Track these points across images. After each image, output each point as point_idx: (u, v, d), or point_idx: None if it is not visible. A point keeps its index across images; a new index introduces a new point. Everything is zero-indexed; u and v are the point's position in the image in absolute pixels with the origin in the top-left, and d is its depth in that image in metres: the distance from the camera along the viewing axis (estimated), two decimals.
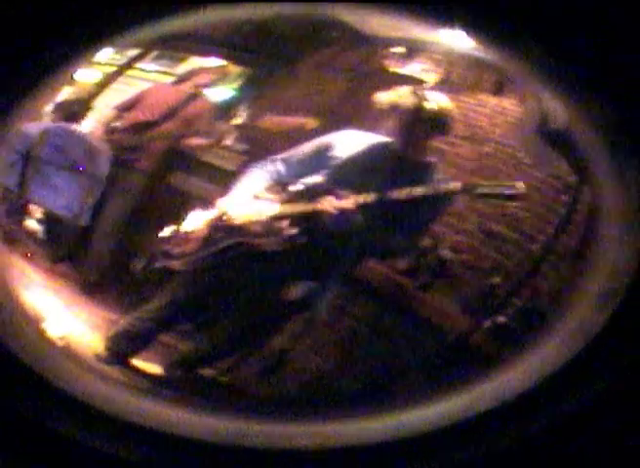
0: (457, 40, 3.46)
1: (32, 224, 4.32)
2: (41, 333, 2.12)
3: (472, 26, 1.41)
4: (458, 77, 4.11)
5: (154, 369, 3.26)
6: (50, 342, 2.16)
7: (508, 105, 4.03)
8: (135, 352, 3.28)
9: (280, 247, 3.11)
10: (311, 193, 3.13)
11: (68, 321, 3.28)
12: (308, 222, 3.09)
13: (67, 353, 2.23)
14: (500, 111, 4.06)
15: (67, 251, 4.27)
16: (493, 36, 1.47)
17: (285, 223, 3.10)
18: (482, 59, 3.37)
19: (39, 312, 3.08)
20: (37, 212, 4.29)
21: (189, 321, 3.67)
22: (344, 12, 3.21)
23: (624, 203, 1.52)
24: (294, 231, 3.08)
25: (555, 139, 2.76)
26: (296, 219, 3.10)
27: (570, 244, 3.49)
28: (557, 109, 2.33)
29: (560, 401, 1.51)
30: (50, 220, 4.28)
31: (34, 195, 3.80)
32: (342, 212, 2.94)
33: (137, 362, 3.25)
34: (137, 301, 3.69)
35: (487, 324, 3.39)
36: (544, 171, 3.74)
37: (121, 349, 3.24)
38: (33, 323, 2.03)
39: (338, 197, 2.96)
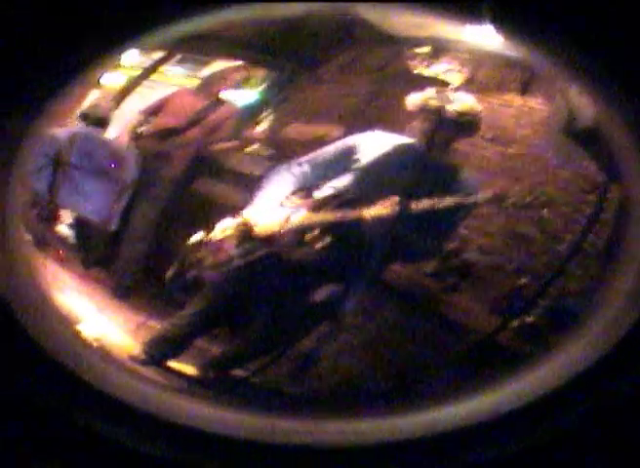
0: (482, 38, 3.46)
1: (63, 229, 4.36)
2: (76, 335, 2.14)
3: (498, 23, 1.41)
4: (484, 77, 4.10)
5: (188, 369, 3.29)
6: (85, 343, 2.18)
7: (535, 105, 4.01)
8: (172, 356, 3.32)
9: (312, 257, 3.13)
10: (339, 200, 3.14)
11: (102, 323, 3.31)
12: (338, 230, 3.09)
13: (102, 353, 2.26)
14: (526, 111, 4.04)
15: (99, 256, 4.31)
16: (519, 33, 1.47)
17: (316, 233, 3.10)
18: (508, 57, 3.37)
19: (74, 314, 3.11)
20: (68, 217, 4.34)
21: (223, 326, 3.70)
22: (368, 10, 3.22)
23: None
24: (326, 242, 3.08)
25: (583, 137, 2.75)
26: (325, 228, 3.10)
27: (598, 243, 3.47)
28: (585, 106, 2.33)
29: (588, 400, 1.52)
30: (80, 225, 4.32)
31: (64, 200, 3.83)
32: (381, 219, 2.94)
33: (171, 363, 3.29)
34: (168, 306, 3.73)
35: (515, 323, 3.38)
36: (572, 169, 3.72)
37: (158, 353, 3.28)
38: (68, 324, 2.05)
39: (375, 204, 2.96)
